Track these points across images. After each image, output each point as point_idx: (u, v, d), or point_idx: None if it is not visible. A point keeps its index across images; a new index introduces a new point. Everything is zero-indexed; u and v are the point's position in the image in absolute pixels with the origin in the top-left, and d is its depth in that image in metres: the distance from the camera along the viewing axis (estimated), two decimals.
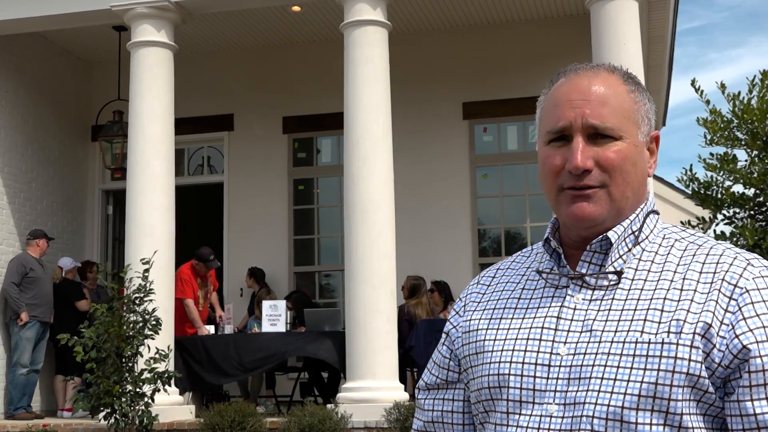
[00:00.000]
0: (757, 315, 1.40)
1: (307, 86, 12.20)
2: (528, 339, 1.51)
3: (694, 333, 1.39)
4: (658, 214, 1.60)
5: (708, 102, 7.34)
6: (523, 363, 1.49)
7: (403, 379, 9.17)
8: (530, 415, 1.46)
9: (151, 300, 7.75)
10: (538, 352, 1.49)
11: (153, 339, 7.75)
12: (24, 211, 11.44)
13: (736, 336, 1.39)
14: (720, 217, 7.25)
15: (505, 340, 1.54)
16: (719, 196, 7.12)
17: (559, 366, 1.46)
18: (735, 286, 1.42)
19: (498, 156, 11.97)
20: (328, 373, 10.41)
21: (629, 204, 1.51)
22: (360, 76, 8.93)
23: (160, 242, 9.06)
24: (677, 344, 1.39)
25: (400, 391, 8.54)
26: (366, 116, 8.86)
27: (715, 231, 7.43)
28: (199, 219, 14.04)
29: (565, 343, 1.47)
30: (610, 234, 1.49)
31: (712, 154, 7.24)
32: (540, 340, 1.49)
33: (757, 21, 55.24)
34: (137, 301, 7.71)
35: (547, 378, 1.46)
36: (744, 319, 1.40)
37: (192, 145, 12.75)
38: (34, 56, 11.84)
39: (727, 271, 1.44)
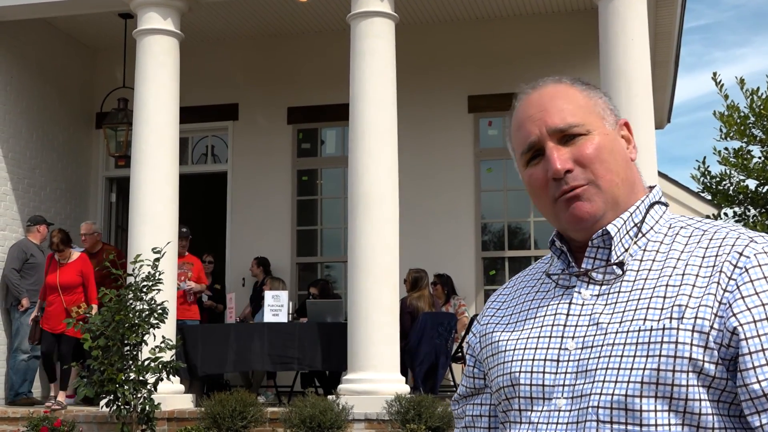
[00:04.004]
0: (756, 293, 1.39)
1: (313, 77, 12.18)
2: (538, 337, 1.53)
3: (695, 317, 1.39)
4: (666, 205, 1.60)
5: (727, 96, 7.34)
6: (533, 360, 1.51)
7: (404, 372, 9.17)
8: (541, 411, 1.48)
9: (159, 290, 7.75)
10: (547, 348, 1.51)
11: (158, 328, 7.76)
12: (27, 197, 11.43)
13: (733, 314, 1.38)
14: (730, 213, 7.26)
15: (517, 340, 1.57)
16: (731, 191, 7.12)
17: (568, 361, 1.48)
18: (735, 265, 1.42)
19: (503, 150, 11.94)
20: None
21: (623, 191, 1.52)
22: (366, 68, 8.91)
23: (164, 231, 9.06)
24: (678, 329, 1.38)
25: (402, 383, 8.55)
26: (371, 108, 8.84)
27: None
28: (202, 208, 14.02)
29: (573, 338, 1.48)
30: (609, 227, 1.50)
31: (726, 149, 7.24)
32: (550, 337, 1.52)
33: (762, 20, 55.05)
34: (145, 290, 7.72)
35: (556, 373, 1.48)
36: (742, 297, 1.39)
37: (196, 134, 12.73)
38: (39, 42, 11.82)
39: (729, 253, 1.43)
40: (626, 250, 1.51)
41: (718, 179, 8.59)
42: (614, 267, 1.50)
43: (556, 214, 1.53)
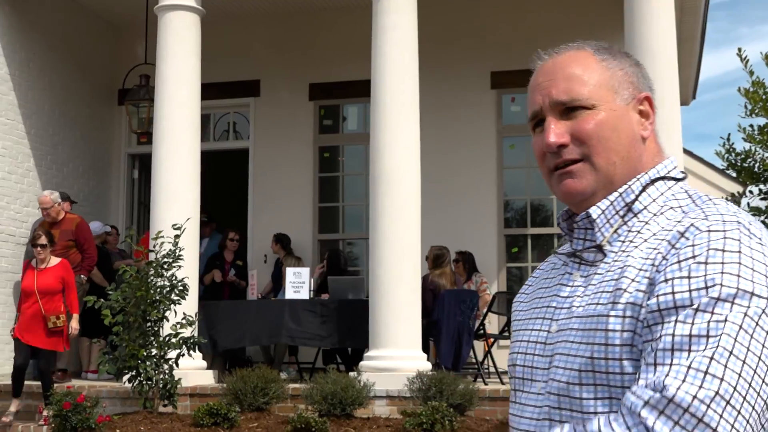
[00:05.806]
0: (678, 262, 1.30)
1: (334, 53, 12.12)
2: (535, 319, 1.54)
3: (627, 303, 1.33)
4: (675, 180, 1.49)
5: (752, 73, 7.25)
6: (528, 342, 1.53)
7: (426, 349, 9.16)
8: (528, 393, 1.49)
9: (180, 266, 7.77)
10: (539, 330, 1.51)
11: (179, 304, 7.78)
12: (50, 173, 11.48)
13: (656, 296, 1.30)
14: (756, 191, 7.18)
15: (523, 320, 1.58)
16: (756, 168, 7.03)
17: (547, 343, 1.47)
18: (673, 246, 1.33)
19: (526, 126, 11.62)
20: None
21: (619, 170, 1.46)
22: (387, 43, 8.85)
23: (186, 207, 9.06)
24: (608, 315, 1.35)
25: (423, 360, 8.54)
26: (393, 84, 8.79)
27: (749, 205, 7.37)
28: (224, 185, 14.03)
29: (557, 320, 1.47)
30: (591, 210, 1.46)
31: (751, 126, 7.16)
32: (543, 319, 1.51)
33: None
34: (165, 266, 7.74)
35: (542, 356, 1.48)
36: (666, 280, 1.30)
37: (218, 110, 12.72)
38: (62, 19, 11.82)
39: (672, 232, 1.35)
40: (615, 230, 1.46)
41: (743, 156, 8.47)
42: (594, 248, 1.47)
43: (551, 186, 1.52)
